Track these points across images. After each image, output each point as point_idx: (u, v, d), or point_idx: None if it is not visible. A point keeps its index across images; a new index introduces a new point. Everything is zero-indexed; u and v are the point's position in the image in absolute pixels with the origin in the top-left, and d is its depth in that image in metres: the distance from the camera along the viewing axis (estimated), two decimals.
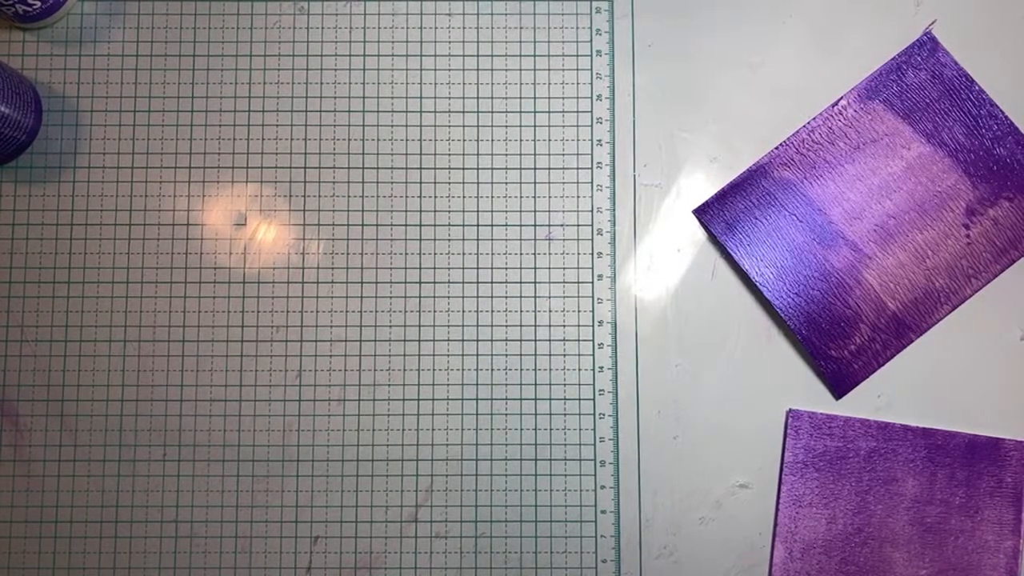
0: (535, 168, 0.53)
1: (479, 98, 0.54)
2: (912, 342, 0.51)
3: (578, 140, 0.53)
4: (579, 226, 0.53)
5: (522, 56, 0.54)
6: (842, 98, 0.53)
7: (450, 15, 0.54)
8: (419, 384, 0.52)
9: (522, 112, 0.54)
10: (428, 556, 0.51)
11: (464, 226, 0.53)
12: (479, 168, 0.53)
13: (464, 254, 0.53)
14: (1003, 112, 0.52)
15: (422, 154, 0.53)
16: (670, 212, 0.53)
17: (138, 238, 0.53)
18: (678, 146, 0.53)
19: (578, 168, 0.53)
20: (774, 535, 0.51)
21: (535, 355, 0.52)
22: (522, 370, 0.52)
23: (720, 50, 0.54)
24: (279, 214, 0.53)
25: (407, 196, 0.53)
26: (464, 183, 0.53)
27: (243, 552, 0.51)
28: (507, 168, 0.53)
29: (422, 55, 0.54)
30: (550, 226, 0.53)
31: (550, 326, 0.52)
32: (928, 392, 0.51)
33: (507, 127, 0.53)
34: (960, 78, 0.52)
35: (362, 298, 0.52)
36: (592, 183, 0.53)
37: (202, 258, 0.53)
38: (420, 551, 0.51)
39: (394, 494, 0.51)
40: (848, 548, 0.50)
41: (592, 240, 0.53)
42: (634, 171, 0.53)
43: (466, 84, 0.54)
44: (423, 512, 0.51)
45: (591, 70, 0.54)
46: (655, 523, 0.51)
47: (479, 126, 0.54)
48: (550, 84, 0.54)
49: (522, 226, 0.53)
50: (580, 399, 0.52)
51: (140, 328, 0.52)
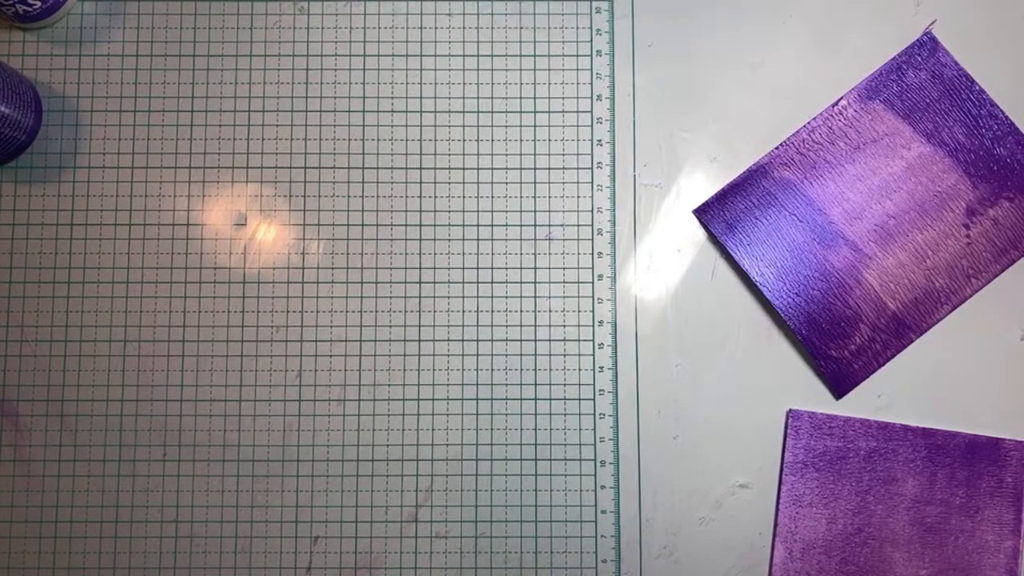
0: (535, 168, 0.53)
1: (479, 98, 0.54)
2: (912, 342, 0.51)
3: (578, 140, 0.53)
4: (579, 226, 0.53)
5: (522, 56, 0.54)
6: (842, 98, 0.53)
7: (450, 15, 0.54)
8: (419, 384, 0.52)
9: (522, 112, 0.54)
10: (428, 556, 0.51)
11: (464, 226, 0.53)
12: (479, 168, 0.53)
13: (464, 254, 0.53)
14: (1003, 112, 0.52)
15: (422, 154, 0.53)
16: (670, 212, 0.53)
17: (138, 238, 0.53)
18: (678, 146, 0.53)
19: (578, 168, 0.53)
20: (774, 535, 0.51)
21: (535, 355, 0.52)
22: (522, 370, 0.52)
23: (720, 50, 0.54)
24: (279, 214, 0.53)
25: (407, 196, 0.53)
26: (464, 183, 0.53)
27: (243, 552, 0.51)
28: (507, 168, 0.53)
29: (422, 55, 0.54)
30: (550, 226, 0.53)
31: (550, 326, 0.52)
32: (928, 392, 0.51)
33: (507, 127, 0.53)
34: (960, 78, 0.52)
35: (362, 298, 0.52)
36: (592, 183, 0.53)
37: (202, 258, 0.53)
38: (420, 551, 0.51)
39: (394, 494, 0.51)
40: (848, 548, 0.50)
41: (592, 240, 0.53)
42: (634, 171, 0.53)
43: (466, 84, 0.54)
44: (423, 512, 0.51)
45: (591, 70, 0.54)
46: (655, 523, 0.51)
47: (479, 126, 0.54)
48: (550, 84, 0.54)
49: (522, 226, 0.53)
50: (580, 399, 0.52)
51: (140, 328, 0.52)
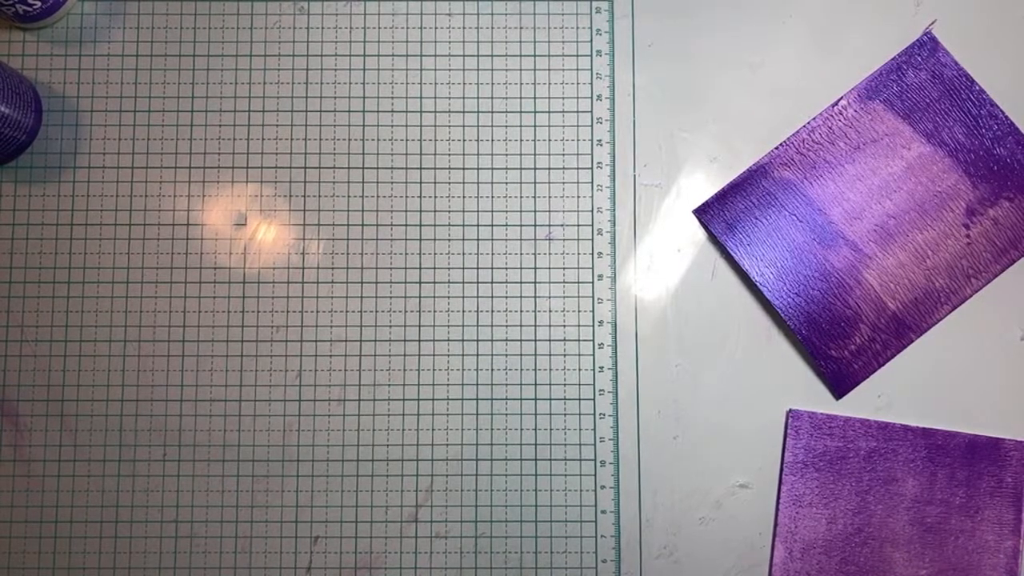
0: (535, 168, 0.53)
1: (479, 98, 0.54)
2: (912, 342, 0.51)
3: (578, 140, 0.53)
4: (579, 226, 0.53)
5: (522, 56, 0.54)
6: (842, 98, 0.53)
7: (450, 15, 0.54)
8: (419, 384, 0.52)
9: (522, 112, 0.54)
10: (428, 556, 0.51)
11: (464, 226, 0.53)
12: (479, 168, 0.53)
13: (464, 254, 0.53)
14: (1003, 112, 0.52)
15: (422, 154, 0.53)
16: (670, 212, 0.53)
17: (138, 238, 0.53)
18: (678, 146, 0.53)
19: (578, 168, 0.53)
20: (774, 535, 0.51)
21: (535, 355, 0.52)
22: (522, 370, 0.52)
23: (720, 50, 0.54)
24: (279, 214, 0.53)
25: (407, 196, 0.53)
26: (464, 183, 0.53)
27: (243, 552, 0.51)
28: (507, 168, 0.53)
29: (422, 55, 0.54)
30: (550, 226, 0.53)
31: (550, 326, 0.52)
32: (928, 392, 0.51)
33: (507, 127, 0.53)
34: (960, 78, 0.52)
35: (362, 298, 0.52)
36: (592, 183, 0.53)
37: (202, 258, 0.53)
38: (420, 551, 0.51)
39: (394, 494, 0.51)
40: (848, 548, 0.50)
41: (592, 240, 0.53)
42: (634, 171, 0.53)
43: (466, 84, 0.54)
44: (423, 512, 0.51)
45: (591, 70, 0.54)
46: (655, 523, 0.51)
47: (479, 126, 0.54)
48: (550, 84, 0.54)
49: (522, 226, 0.53)
50: (580, 399, 0.52)
51: (140, 328, 0.52)
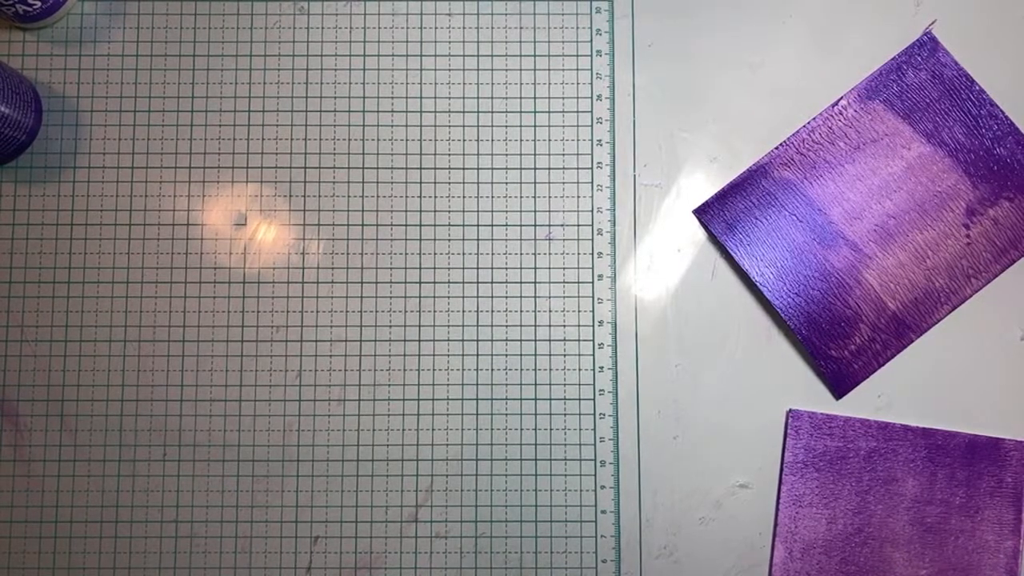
0: (535, 168, 0.53)
1: (479, 98, 0.54)
2: (912, 342, 0.51)
3: (578, 140, 0.53)
4: (579, 226, 0.53)
5: (522, 56, 0.54)
6: (842, 98, 0.53)
7: (450, 15, 0.54)
8: (419, 384, 0.52)
9: (522, 112, 0.54)
10: (428, 556, 0.51)
11: (464, 226, 0.53)
12: (479, 168, 0.53)
13: (464, 254, 0.53)
14: (1003, 112, 0.52)
15: (422, 154, 0.53)
16: (670, 212, 0.53)
17: (138, 238, 0.53)
18: (678, 146, 0.53)
19: (578, 168, 0.53)
20: (774, 535, 0.51)
21: (535, 355, 0.52)
22: (522, 370, 0.52)
23: (720, 50, 0.54)
24: (279, 214, 0.53)
25: (407, 196, 0.53)
26: (464, 183, 0.53)
27: (243, 552, 0.51)
28: (507, 168, 0.53)
29: (422, 55, 0.54)
30: (550, 226, 0.53)
31: (550, 326, 0.52)
32: (928, 392, 0.51)
33: (507, 127, 0.53)
34: (960, 78, 0.52)
35: (362, 298, 0.52)
36: (592, 183, 0.53)
37: (202, 258, 0.53)
38: (420, 551, 0.51)
39: (394, 494, 0.51)
40: (848, 548, 0.50)
41: (592, 240, 0.53)
42: (634, 171, 0.53)
43: (466, 84, 0.54)
44: (423, 512, 0.51)
45: (591, 70, 0.54)
46: (655, 523, 0.51)
47: (479, 126, 0.54)
48: (550, 84, 0.54)
49: (522, 226, 0.53)
50: (580, 399, 0.52)
51: (140, 328, 0.52)
